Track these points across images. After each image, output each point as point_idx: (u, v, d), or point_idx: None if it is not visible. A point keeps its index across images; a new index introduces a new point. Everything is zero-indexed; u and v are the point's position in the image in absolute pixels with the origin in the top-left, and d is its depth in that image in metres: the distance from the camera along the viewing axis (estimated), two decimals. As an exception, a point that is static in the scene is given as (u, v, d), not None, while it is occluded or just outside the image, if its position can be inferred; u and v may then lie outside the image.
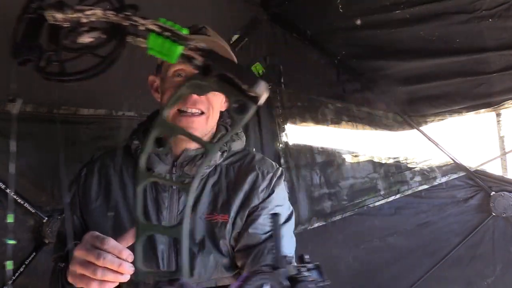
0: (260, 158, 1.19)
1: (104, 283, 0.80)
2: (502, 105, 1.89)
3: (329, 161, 2.49)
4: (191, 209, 1.05)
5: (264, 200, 1.11)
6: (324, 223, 2.49)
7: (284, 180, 1.18)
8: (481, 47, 1.81)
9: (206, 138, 1.12)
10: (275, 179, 1.14)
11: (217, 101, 1.11)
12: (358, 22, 2.14)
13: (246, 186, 1.10)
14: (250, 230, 1.07)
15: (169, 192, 1.08)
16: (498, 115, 1.99)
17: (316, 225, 2.52)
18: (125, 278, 0.81)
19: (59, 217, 1.78)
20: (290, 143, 2.64)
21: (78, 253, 0.82)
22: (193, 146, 1.10)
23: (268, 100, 2.91)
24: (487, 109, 1.94)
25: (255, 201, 1.09)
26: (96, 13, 0.66)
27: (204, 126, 1.08)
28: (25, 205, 1.70)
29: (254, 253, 1.04)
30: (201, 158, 1.08)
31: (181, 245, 0.55)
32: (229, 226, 1.06)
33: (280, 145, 2.64)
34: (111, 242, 0.81)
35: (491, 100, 1.91)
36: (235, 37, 2.40)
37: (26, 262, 1.72)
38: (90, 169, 1.17)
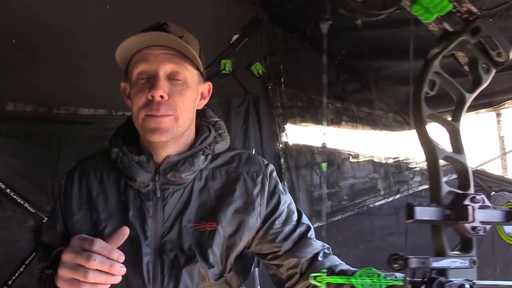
0: (247, 159, 1.12)
1: (95, 286, 0.79)
2: (502, 105, 1.89)
3: (329, 161, 2.49)
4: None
5: (269, 207, 1.07)
6: (324, 223, 2.49)
7: (275, 175, 1.13)
8: (481, 47, 1.81)
9: (184, 140, 1.07)
10: (266, 180, 1.09)
11: (187, 101, 1.03)
12: (358, 22, 2.14)
13: (236, 193, 1.05)
14: (281, 238, 1.05)
15: (153, 200, 1.03)
16: (498, 115, 1.99)
17: (316, 225, 2.53)
18: (117, 279, 0.80)
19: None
20: (290, 143, 2.64)
21: (67, 256, 0.80)
22: (174, 151, 1.05)
23: (268, 100, 2.93)
24: (487, 109, 1.94)
25: (256, 209, 1.05)
26: None
27: (174, 126, 1.00)
28: (25, 205, 1.70)
29: (308, 258, 1.03)
30: (184, 163, 1.03)
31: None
32: (218, 234, 1.02)
33: (280, 145, 2.64)
34: (100, 243, 0.80)
35: (491, 100, 1.91)
36: (235, 37, 2.41)
37: (26, 262, 1.72)
38: (70, 178, 1.11)
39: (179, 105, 1.00)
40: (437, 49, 0.80)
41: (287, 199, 1.11)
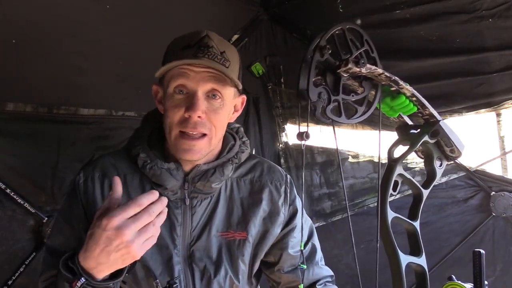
0: (268, 169, 1.16)
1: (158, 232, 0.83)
2: (502, 105, 1.89)
3: (329, 161, 2.49)
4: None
5: (288, 216, 1.14)
6: (324, 223, 2.49)
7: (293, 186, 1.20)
8: (481, 47, 1.81)
9: (212, 153, 1.08)
10: (288, 190, 1.15)
11: (222, 120, 1.03)
12: (358, 22, 2.14)
13: (263, 203, 1.09)
14: (291, 251, 1.12)
15: (181, 208, 1.04)
16: (498, 115, 1.99)
17: (316, 225, 2.53)
18: (164, 212, 0.84)
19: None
20: (290, 143, 2.64)
21: (133, 227, 0.78)
22: (203, 160, 1.05)
23: (268, 100, 2.93)
24: (487, 109, 1.94)
25: (280, 218, 1.11)
26: (376, 71, 0.92)
27: (207, 147, 1.01)
28: (25, 205, 1.70)
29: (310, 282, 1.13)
30: (213, 173, 1.03)
31: None
32: (247, 243, 1.05)
33: (280, 145, 2.64)
34: (137, 197, 0.82)
35: (491, 100, 1.90)
36: (235, 37, 2.40)
37: (26, 262, 1.72)
38: (90, 177, 1.07)
39: (214, 124, 1.00)
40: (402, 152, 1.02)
41: (303, 213, 1.16)
